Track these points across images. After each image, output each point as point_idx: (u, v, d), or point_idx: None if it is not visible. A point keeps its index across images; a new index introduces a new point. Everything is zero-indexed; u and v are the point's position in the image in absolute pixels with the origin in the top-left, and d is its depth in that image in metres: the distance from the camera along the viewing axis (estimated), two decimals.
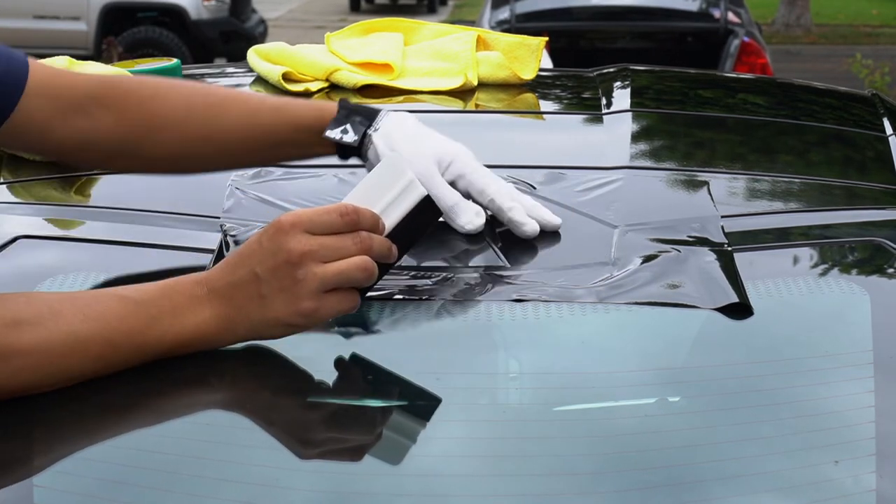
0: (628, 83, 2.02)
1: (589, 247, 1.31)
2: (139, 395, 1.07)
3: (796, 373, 1.13)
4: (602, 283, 1.22)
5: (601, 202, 1.42)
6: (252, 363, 1.12)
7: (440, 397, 1.07)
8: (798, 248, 1.39)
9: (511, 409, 1.10)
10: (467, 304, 1.20)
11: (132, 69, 1.89)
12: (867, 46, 14.04)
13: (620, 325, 1.21)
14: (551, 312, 1.19)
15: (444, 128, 1.39)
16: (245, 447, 1.01)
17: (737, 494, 0.98)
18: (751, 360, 1.13)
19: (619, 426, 1.06)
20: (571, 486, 0.98)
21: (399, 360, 1.15)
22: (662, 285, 1.21)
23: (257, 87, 1.96)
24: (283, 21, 18.57)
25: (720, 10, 7.81)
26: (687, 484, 0.98)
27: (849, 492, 0.98)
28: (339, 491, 0.97)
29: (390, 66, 1.97)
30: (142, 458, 1.00)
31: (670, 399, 1.11)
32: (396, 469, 0.99)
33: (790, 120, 2.02)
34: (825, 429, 1.06)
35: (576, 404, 1.10)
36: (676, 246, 1.29)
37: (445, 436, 1.04)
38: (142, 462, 0.99)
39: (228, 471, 0.99)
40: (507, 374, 1.15)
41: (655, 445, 1.03)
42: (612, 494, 0.97)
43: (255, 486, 0.96)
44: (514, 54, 2.05)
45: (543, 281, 1.22)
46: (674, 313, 1.18)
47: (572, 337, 1.20)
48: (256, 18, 12.41)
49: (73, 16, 11.27)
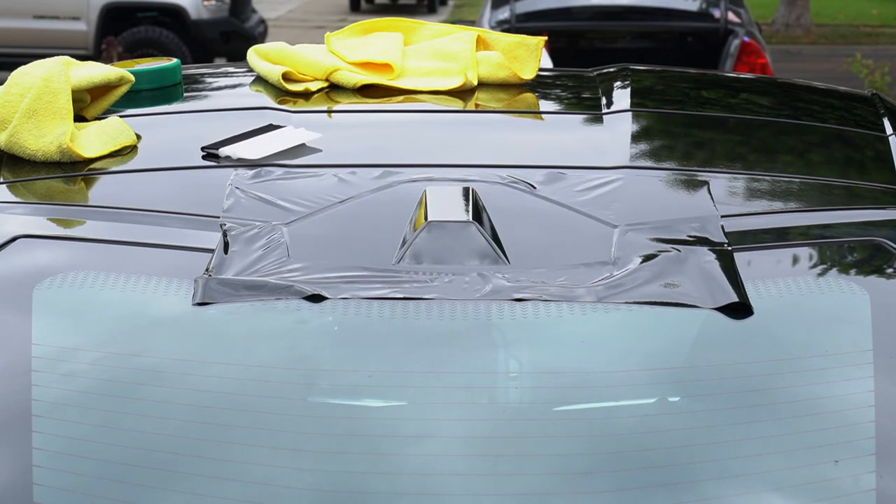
0: (628, 83, 2.02)
1: (589, 246, 1.31)
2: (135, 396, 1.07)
3: (796, 373, 1.13)
4: (602, 283, 1.22)
5: (601, 202, 1.42)
6: (252, 363, 1.12)
7: (440, 397, 1.07)
8: (798, 248, 1.39)
9: (510, 409, 1.10)
10: (467, 304, 1.20)
11: (132, 69, 1.89)
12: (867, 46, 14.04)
13: (620, 324, 1.21)
14: (551, 312, 1.19)
15: (445, 128, 1.39)
16: (245, 447, 1.01)
17: (737, 494, 0.98)
18: (751, 360, 1.13)
19: (619, 426, 1.06)
20: (571, 486, 0.98)
21: (399, 359, 1.15)
22: (662, 285, 1.21)
23: (257, 87, 1.96)
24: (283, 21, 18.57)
25: (720, 10, 7.81)
26: (687, 484, 0.98)
27: (849, 491, 0.98)
28: (340, 491, 0.97)
29: (390, 66, 1.97)
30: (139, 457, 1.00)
31: (670, 399, 1.11)
32: (396, 469, 0.99)
33: (790, 120, 2.02)
34: (825, 428, 1.06)
35: (576, 404, 1.10)
36: (676, 246, 1.29)
37: (445, 435, 1.04)
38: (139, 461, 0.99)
39: (228, 470, 0.99)
40: (507, 374, 1.15)
41: (655, 445, 1.03)
42: (612, 494, 0.97)
43: (256, 485, 0.96)
44: (514, 54, 2.05)
45: (543, 280, 1.22)
46: (674, 313, 1.18)
47: (572, 336, 1.20)
48: (256, 18, 12.41)
49: (72, 16, 11.27)
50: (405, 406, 1.10)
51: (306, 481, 0.98)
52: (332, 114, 1.87)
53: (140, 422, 1.05)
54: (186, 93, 2.01)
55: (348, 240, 1.36)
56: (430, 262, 1.26)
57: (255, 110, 1.81)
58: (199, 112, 1.94)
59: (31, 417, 1.03)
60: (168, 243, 1.33)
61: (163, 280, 1.25)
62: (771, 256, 1.34)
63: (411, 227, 1.32)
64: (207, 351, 1.11)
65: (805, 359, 1.15)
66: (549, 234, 1.35)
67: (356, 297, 1.19)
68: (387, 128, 1.82)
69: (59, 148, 1.58)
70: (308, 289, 1.19)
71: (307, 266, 1.24)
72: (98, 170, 1.57)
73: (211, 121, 1.85)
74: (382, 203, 1.42)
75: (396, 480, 0.98)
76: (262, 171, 1.50)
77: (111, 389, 1.09)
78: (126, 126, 1.67)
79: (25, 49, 10.35)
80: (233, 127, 1.75)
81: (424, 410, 1.08)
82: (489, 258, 1.28)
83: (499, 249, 1.29)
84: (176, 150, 1.70)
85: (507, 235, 1.33)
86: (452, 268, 1.25)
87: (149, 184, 1.54)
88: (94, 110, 1.78)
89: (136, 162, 1.61)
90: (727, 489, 0.98)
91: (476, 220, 1.31)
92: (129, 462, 1.00)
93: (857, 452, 1.01)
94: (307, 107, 1.84)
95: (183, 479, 0.98)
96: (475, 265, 1.26)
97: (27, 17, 11.21)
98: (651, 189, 1.51)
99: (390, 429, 1.06)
